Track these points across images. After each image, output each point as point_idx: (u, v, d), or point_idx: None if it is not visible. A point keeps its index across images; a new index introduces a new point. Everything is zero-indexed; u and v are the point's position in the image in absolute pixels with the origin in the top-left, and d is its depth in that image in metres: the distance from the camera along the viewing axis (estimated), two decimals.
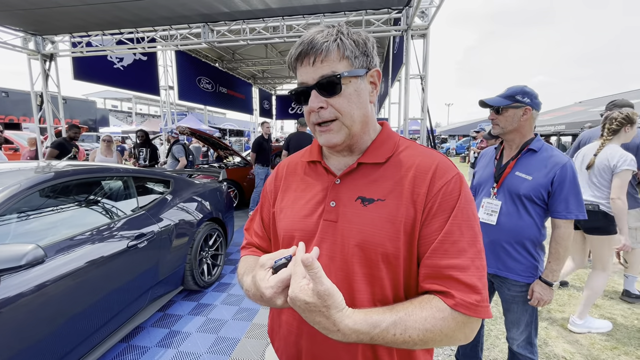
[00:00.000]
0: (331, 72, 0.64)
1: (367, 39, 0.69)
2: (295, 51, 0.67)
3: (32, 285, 1.51)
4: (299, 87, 0.69)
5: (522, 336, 1.55)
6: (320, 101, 0.66)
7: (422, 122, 5.29)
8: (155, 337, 2.43)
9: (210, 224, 3.22)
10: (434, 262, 0.62)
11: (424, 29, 4.97)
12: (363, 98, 0.69)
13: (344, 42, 0.65)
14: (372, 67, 0.70)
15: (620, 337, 2.40)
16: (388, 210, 0.66)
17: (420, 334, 0.57)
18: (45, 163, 2.32)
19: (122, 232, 2.16)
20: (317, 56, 0.64)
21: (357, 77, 0.67)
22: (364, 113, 0.69)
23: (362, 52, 0.67)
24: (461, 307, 0.59)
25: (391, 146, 0.73)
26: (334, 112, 0.67)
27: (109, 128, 20.58)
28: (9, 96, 15.70)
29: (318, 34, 0.65)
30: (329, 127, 0.68)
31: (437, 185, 0.65)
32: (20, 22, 5.61)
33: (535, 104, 1.46)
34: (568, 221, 1.40)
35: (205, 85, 10.32)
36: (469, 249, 0.62)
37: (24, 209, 1.75)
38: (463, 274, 0.60)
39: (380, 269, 0.66)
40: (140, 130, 6.19)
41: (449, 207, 0.64)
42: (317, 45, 0.64)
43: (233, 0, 4.79)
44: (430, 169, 0.67)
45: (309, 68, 0.66)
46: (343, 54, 0.65)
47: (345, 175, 0.72)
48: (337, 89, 0.65)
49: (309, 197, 0.75)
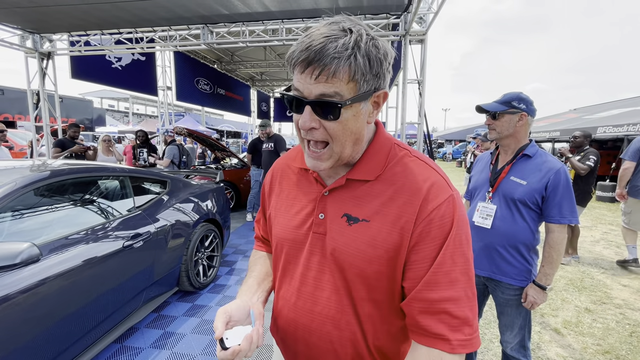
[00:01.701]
0: (333, 93, 0.56)
1: (384, 56, 0.59)
2: (299, 55, 0.56)
3: (27, 283, 1.50)
4: (293, 92, 0.62)
5: (516, 339, 1.56)
6: (313, 120, 0.60)
7: (419, 127, 5.33)
8: (149, 338, 2.41)
9: (207, 225, 3.21)
10: (425, 296, 0.60)
11: (422, 35, 5.02)
12: (360, 122, 0.62)
13: (357, 61, 0.55)
14: (380, 89, 0.62)
15: (612, 342, 2.42)
16: (371, 233, 0.64)
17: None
18: (41, 161, 2.31)
19: (117, 231, 2.15)
20: (323, 71, 0.55)
21: (359, 102, 0.60)
22: (356, 137, 0.64)
23: (374, 74, 0.59)
24: (460, 348, 0.58)
25: (383, 159, 0.68)
26: (326, 136, 0.61)
27: (106, 128, 20.45)
28: (4, 94, 15.56)
29: (331, 42, 0.54)
30: (318, 154, 0.64)
31: (427, 209, 0.61)
32: (19, 20, 5.59)
33: (530, 110, 1.49)
34: (561, 226, 1.42)
35: (203, 86, 10.31)
36: (461, 277, 0.60)
37: (19, 207, 1.74)
38: (456, 306, 0.59)
39: (357, 289, 0.66)
40: (140, 131, 6.16)
41: (440, 235, 0.60)
42: (327, 59, 0.54)
43: (233, 2, 4.81)
44: (422, 191, 0.62)
45: (309, 79, 0.57)
46: (353, 75, 0.56)
47: (333, 189, 0.71)
48: (335, 114, 0.58)
49: (299, 207, 0.75)
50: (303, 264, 0.72)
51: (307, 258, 0.71)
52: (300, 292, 0.72)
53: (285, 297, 0.76)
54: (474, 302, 0.62)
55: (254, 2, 4.82)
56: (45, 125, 6.68)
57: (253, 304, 0.72)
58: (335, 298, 0.68)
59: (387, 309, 0.67)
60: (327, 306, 0.69)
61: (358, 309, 0.67)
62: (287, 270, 0.76)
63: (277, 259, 0.79)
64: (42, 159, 2.67)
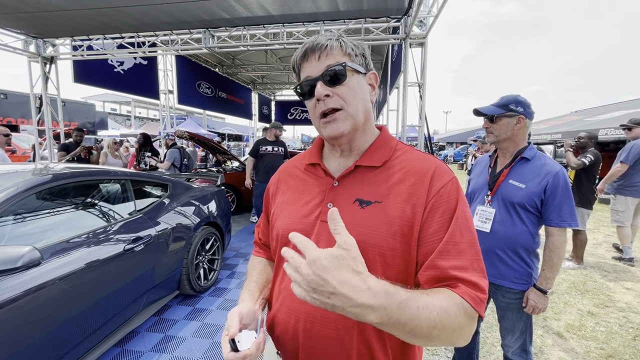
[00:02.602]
0: (335, 62, 0.69)
1: (363, 45, 0.74)
2: (300, 51, 0.72)
3: (28, 287, 1.50)
4: (304, 81, 0.72)
5: (517, 343, 1.55)
6: (326, 89, 0.69)
7: (420, 130, 5.34)
8: (150, 341, 2.41)
9: (208, 228, 3.22)
10: (437, 264, 0.63)
11: (422, 38, 5.04)
12: (365, 94, 0.73)
13: (345, 42, 0.71)
14: (370, 70, 0.75)
15: (615, 346, 2.40)
16: (385, 212, 0.67)
17: (439, 315, 0.54)
18: (43, 165, 2.32)
19: (118, 235, 2.16)
20: (322, 51, 0.69)
21: (358, 73, 0.71)
22: (366, 107, 0.73)
23: (361, 54, 0.73)
24: (468, 297, 0.59)
25: (389, 150, 0.75)
26: (340, 101, 0.70)
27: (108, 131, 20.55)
28: (7, 98, 15.68)
29: (320, 36, 0.71)
30: (334, 117, 0.70)
31: (435, 187, 0.67)
32: (22, 24, 5.64)
33: (528, 113, 1.49)
34: (561, 229, 1.42)
35: (204, 89, 10.36)
36: (469, 250, 0.64)
37: (21, 211, 1.75)
38: (465, 273, 0.62)
39: (377, 269, 0.66)
40: (141, 134, 6.19)
41: (449, 209, 0.65)
42: (322, 42, 0.70)
43: (234, 6, 4.84)
44: (429, 172, 0.69)
45: (314, 62, 0.70)
46: (345, 50, 0.70)
47: (343, 178, 0.74)
48: (342, 79, 0.69)
49: (307, 198, 0.77)
50: None
51: None
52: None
53: (287, 287, 0.74)
54: (483, 275, 0.64)
55: (255, 6, 4.86)
56: (47, 129, 6.72)
57: (256, 311, 0.73)
58: None
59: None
60: None
61: None
62: None
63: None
64: (44, 163, 2.68)
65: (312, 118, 0.75)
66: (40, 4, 4.60)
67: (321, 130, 0.74)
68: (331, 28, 5.49)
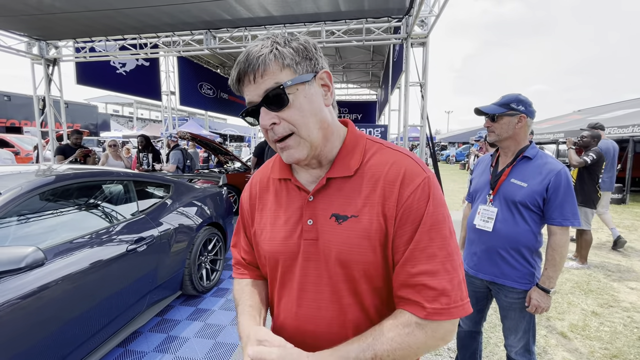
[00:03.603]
0: (274, 84, 0.61)
1: (306, 42, 0.65)
2: (234, 74, 0.64)
3: (32, 287, 1.51)
4: (247, 106, 0.66)
5: (520, 343, 1.54)
6: (271, 117, 0.63)
7: (422, 129, 5.33)
8: (152, 342, 2.42)
9: (210, 228, 3.22)
10: (405, 270, 0.64)
11: (424, 38, 5.03)
12: (316, 104, 0.65)
13: (280, 52, 0.61)
14: (319, 70, 0.66)
15: (620, 346, 2.39)
16: (362, 226, 0.65)
17: (391, 354, 0.59)
18: (46, 166, 2.33)
19: (121, 235, 2.17)
20: (256, 72, 0.61)
21: (303, 83, 0.63)
22: (320, 119, 0.66)
23: (304, 57, 0.64)
24: (434, 316, 0.60)
25: (359, 154, 0.70)
26: (289, 127, 0.64)
27: (110, 132, 20.65)
28: (10, 100, 15.80)
29: (252, 49, 0.62)
30: (287, 144, 0.65)
31: (405, 194, 0.64)
32: (25, 27, 5.68)
33: (529, 111, 1.48)
34: (564, 228, 1.41)
35: (206, 90, 10.40)
36: (439, 252, 0.62)
37: (25, 211, 1.76)
38: (432, 279, 0.61)
39: (361, 283, 0.67)
40: (141, 136, 6.21)
41: (418, 216, 0.63)
42: (253, 60, 0.61)
43: (235, 7, 4.86)
44: (398, 178, 0.65)
45: (251, 86, 0.63)
46: (282, 63, 0.61)
47: (317, 192, 0.71)
48: (285, 101, 0.62)
49: (285, 217, 0.74)
50: (300, 273, 0.71)
51: (303, 266, 0.70)
52: (301, 300, 0.72)
53: (286, 309, 0.75)
54: (454, 275, 0.63)
55: (256, 7, 4.87)
56: (50, 130, 6.76)
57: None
58: (336, 298, 0.69)
59: (386, 294, 0.70)
60: (331, 308, 0.69)
61: (364, 302, 0.69)
62: (286, 281, 0.75)
63: (274, 272, 0.77)
64: (48, 164, 2.70)
65: (269, 142, 0.68)
66: (43, 6, 4.63)
67: (280, 154, 0.69)
68: (332, 29, 5.49)
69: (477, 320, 1.75)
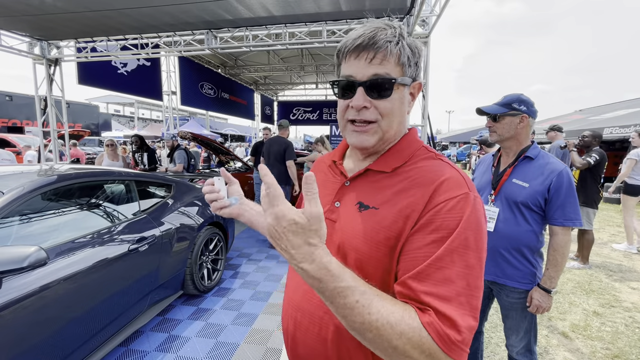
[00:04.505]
0: (386, 74, 0.62)
1: (420, 49, 0.67)
2: (353, 42, 0.63)
3: (34, 287, 1.52)
4: (344, 79, 0.66)
5: (522, 343, 1.54)
6: (366, 100, 0.64)
7: (423, 129, 5.33)
8: (154, 341, 2.42)
9: (211, 228, 3.23)
10: (409, 284, 0.55)
11: (425, 37, 5.03)
12: (404, 108, 0.68)
13: (404, 48, 0.63)
14: (417, 79, 0.69)
15: (621, 346, 2.38)
16: (376, 220, 0.64)
17: (379, 321, 0.49)
18: (48, 166, 2.34)
19: (123, 235, 2.17)
20: (377, 54, 0.62)
21: (404, 85, 0.66)
22: (400, 121, 0.69)
23: (415, 63, 0.66)
24: (432, 331, 0.49)
25: (405, 156, 0.70)
26: (376, 115, 0.65)
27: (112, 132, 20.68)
28: (12, 100, 15.84)
29: (380, 32, 0.62)
30: (365, 128, 0.66)
31: (436, 200, 0.59)
32: (27, 27, 5.70)
33: (531, 111, 1.48)
34: (565, 228, 1.41)
35: (207, 90, 10.41)
36: (457, 281, 0.53)
37: (27, 211, 1.77)
38: (442, 304, 0.51)
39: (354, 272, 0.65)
40: (135, 136, 6.19)
41: (445, 227, 0.56)
42: (380, 42, 0.61)
43: (236, 7, 4.86)
44: (435, 182, 0.61)
45: (363, 63, 0.63)
46: (400, 59, 0.63)
47: (354, 179, 0.73)
48: (387, 93, 0.64)
49: (323, 194, 0.76)
50: None
51: None
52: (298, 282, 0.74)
53: (289, 286, 0.79)
54: (471, 314, 0.53)
55: (257, 7, 4.87)
56: (52, 130, 6.78)
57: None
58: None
59: None
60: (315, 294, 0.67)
61: None
62: None
63: None
64: (49, 164, 2.71)
65: (339, 117, 0.70)
66: (45, 6, 4.65)
67: (345, 134, 0.70)
68: (333, 29, 5.49)
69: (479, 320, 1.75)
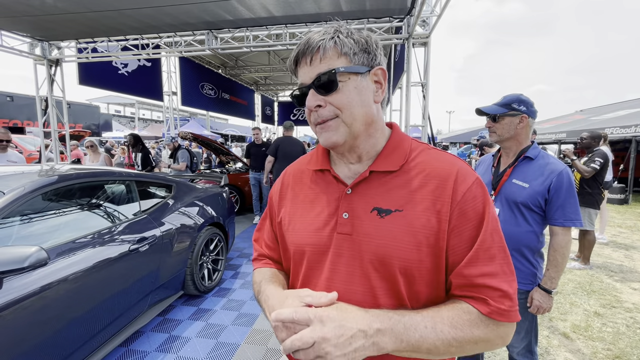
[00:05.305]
0: (327, 69, 0.62)
1: (368, 37, 0.66)
2: (293, 54, 0.66)
3: (35, 287, 1.52)
4: (298, 88, 0.68)
5: (522, 344, 1.54)
6: (317, 99, 0.64)
7: (423, 129, 5.32)
8: (154, 341, 2.42)
9: (212, 228, 3.23)
10: (465, 272, 0.61)
11: (425, 38, 5.03)
12: (365, 97, 0.65)
13: (341, 39, 0.63)
14: (376, 65, 0.67)
15: (623, 347, 2.38)
16: (407, 221, 0.62)
17: (451, 333, 0.56)
18: (49, 166, 2.34)
19: (123, 235, 2.18)
20: (314, 55, 0.63)
21: (357, 74, 0.64)
22: (366, 112, 0.66)
23: (363, 50, 0.65)
24: (495, 315, 0.58)
25: (404, 151, 0.69)
26: (333, 110, 0.64)
27: (112, 133, 20.71)
28: (13, 100, 15.87)
29: (315, 34, 0.64)
30: (327, 125, 0.65)
31: (460, 191, 0.62)
32: (28, 28, 5.71)
33: (531, 112, 1.48)
34: (566, 228, 1.41)
35: (208, 91, 10.41)
36: (499, 254, 0.61)
37: (28, 211, 1.77)
38: (494, 280, 0.59)
39: (399, 282, 0.63)
40: (130, 135, 6.17)
41: (475, 215, 0.62)
42: (313, 43, 0.63)
43: (237, 8, 4.86)
44: (452, 175, 0.63)
45: (306, 68, 0.65)
46: (341, 50, 0.63)
47: (357, 185, 0.68)
48: (334, 86, 0.62)
49: (319, 209, 0.71)
50: (329, 268, 0.67)
51: (333, 261, 0.66)
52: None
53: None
54: (512, 278, 0.62)
55: (257, 8, 4.87)
56: (53, 130, 6.79)
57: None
58: (370, 299, 0.63)
59: (426, 300, 0.65)
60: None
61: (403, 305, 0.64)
62: (310, 278, 0.70)
63: (297, 268, 0.73)
64: (50, 164, 2.71)
65: (310, 125, 0.70)
66: (46, 7, 4.65)
67: (318, 137, 0.70)
68: None
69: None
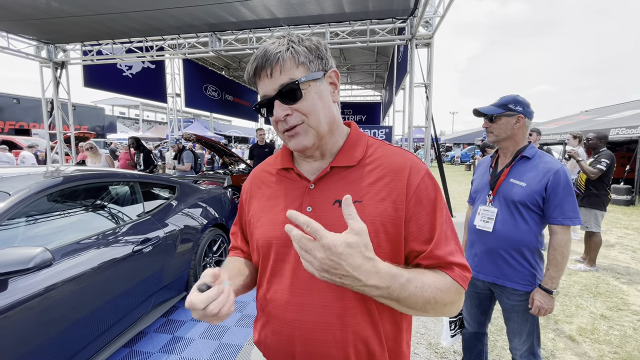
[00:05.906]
0: (289, 80, 0.66)
1: (318, 43, 0.71)
2: (251, 67, 0.69)
3: (39, 288, 1.53)
4: (262, 100, 0.70)
5: (525, 346, 1.52)
6: (284, 109, 0.68)
7: (427, 130, 5.31)
8: (158, 342, 2.43)
9: (215, 229, 3.24)
10: (435, 254, 0.68)
11: (428, 38, 5.02)
12: (325, 99, 0.71)
13: (296, 50, 0.67)
14: (329, 69, 0.72)
15: (630, 350, 2.35)
16: (366, 211, 0.67)
17: (433, 293, 0.63)
18: (54, 168, 2.36)
19: (127, 236, 2.19)
20: (274, 67, 0.66)
21: (315, 80, 0.69)
22: (328, 113, 0.71)
23: (317, 56, 0.69)
24: (459, 279, 0.67)
25: (362, 148, 0.75)
26: (300, 116, 0.68)
27: (117, 134, 20.88)
28: (20, 103, 16.06)
29: (270, 46, 0.67)
30: (296, 131, 0.69)
31: (414, 182, 0.69)
32: (34, 31, 5.78)
33: (527, 112, 1.48)
34: (565, 227, 1.40)
35: (211, 92, 10.46)
36: (451, 234, 0.71)
37: (33, 212, 1.79)
38: (455, 257, 0.69)
39: None
40: (131, 138, 6.24)
41: (429, 203, 0.69)
42: (271, 57, 0.66)
43: (240, 10, 4.89)
44: (405, 168, 0.70)
45: (267, 80, 0.67)
46: (297, 60, 0.67)
47: (319, 180, 0.73)
48: (298, 95, 0.67)
49: (284, 204, 0.75)
50: (294, 259, 0.70)
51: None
52: (293, 287, 0.70)
53: (275, 298, 0.73)
54: (462, 253, 0.72)
55: (260, 10, 4.90)
56: (58, 132, 6.86)
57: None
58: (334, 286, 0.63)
59: None
60: (327, 295, 0.68)
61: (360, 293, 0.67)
62: (277, 270, 0.74)
63: (266, 261, 0.77)
64: (56, 165, 2.74)
65: (276, 132, 0.73)
66: (52, 10, 4.71)
67: (287, 143, 0.74)
68: (336, 30, 5.50)
69: (481, 322, 1.73)
